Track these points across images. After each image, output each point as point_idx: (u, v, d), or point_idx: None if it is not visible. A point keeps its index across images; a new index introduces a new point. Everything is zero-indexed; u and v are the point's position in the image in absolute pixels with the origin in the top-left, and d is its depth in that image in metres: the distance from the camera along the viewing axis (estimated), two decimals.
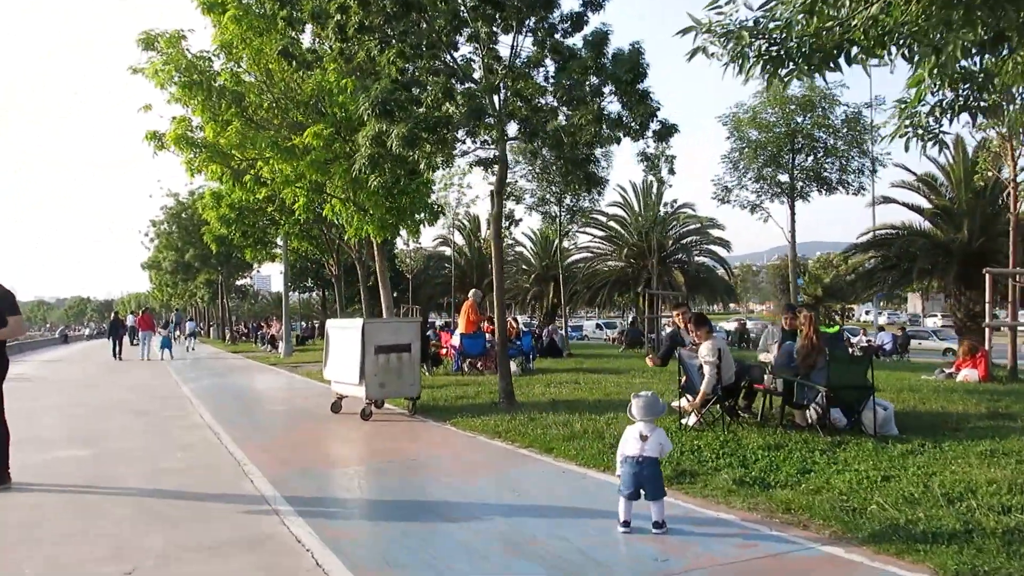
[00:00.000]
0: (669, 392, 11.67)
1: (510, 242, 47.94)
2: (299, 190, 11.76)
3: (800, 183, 19.22)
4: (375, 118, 8.49)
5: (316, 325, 45.91)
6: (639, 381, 13.65)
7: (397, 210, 12.34)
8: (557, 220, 30.40)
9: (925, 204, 25.53)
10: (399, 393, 10.78)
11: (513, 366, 15.97)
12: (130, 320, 35.11)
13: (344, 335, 11.06)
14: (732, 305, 73.33)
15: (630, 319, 61.90)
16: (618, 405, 10.22)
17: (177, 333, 34.33)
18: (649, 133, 9.07)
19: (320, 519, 5.50)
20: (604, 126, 8.78)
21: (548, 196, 31.14)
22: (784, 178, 19.28)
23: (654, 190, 45.20)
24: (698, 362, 8.16)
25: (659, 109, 8.90)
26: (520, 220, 36.06)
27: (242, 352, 33.47)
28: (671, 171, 25.06)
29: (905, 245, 23.98)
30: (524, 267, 59.09)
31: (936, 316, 72.76)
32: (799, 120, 18.94)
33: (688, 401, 8.33)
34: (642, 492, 4.91)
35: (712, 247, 45.60)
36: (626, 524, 4.93)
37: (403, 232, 13.81)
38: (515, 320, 18.46)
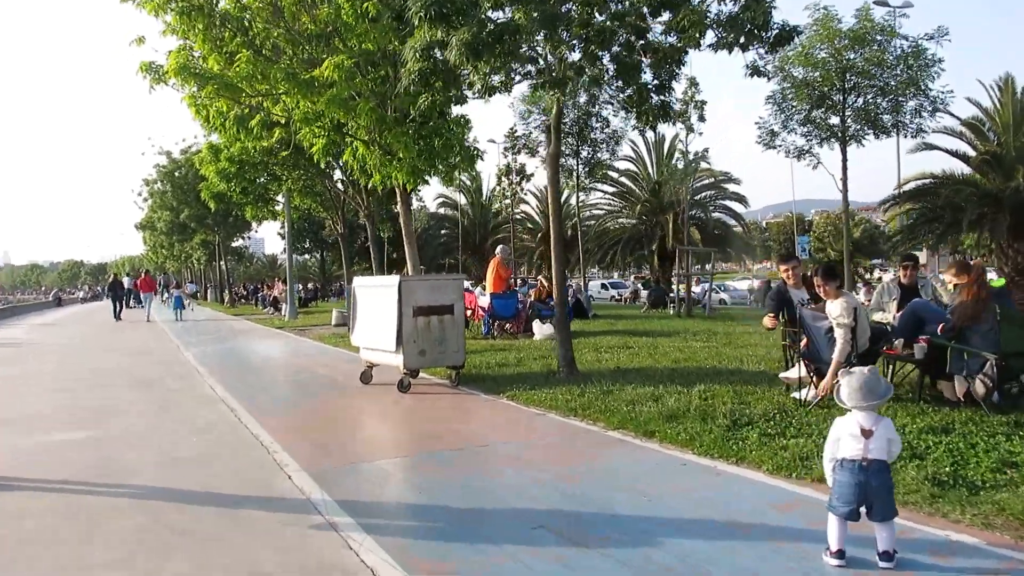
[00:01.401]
0: (749, 360, 10.29)
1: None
2: (317, 130, 10.16)
3: (853, 126, 17.57)
4: (428, 24, 6.90)
5: (317, 287, 44.41)
6: (701, 344, 12.25)
7: (429, 153, 10.78)
8: (574, 174, 28.80)
9: (970, 152, 23.96)
10: (441, 362, 9.37)
11: (548, 328, 14.59)
12: (127, 282, 33.59)
13: (375, 295, 9.60)
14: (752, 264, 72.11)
15: (633, 278, 60.56)
16: (699, 375, 8.84)
17: (166, 296, 32.73)
18: (766, 38, 7.41)
19: (397, 540, 4.09)
20: (715, 29, 7.20)
21: (564, 148, 29.55)
22: (835, 120, 17.65)
23: (666, 143, 43.51)
24: (825, 324, 6.72)
25: (774, 7, 7.23)
26: (532, 175, 34.30)
27: (243, 315, 32.04)
28: (701, 118, 23.60)
29: (951, 195, 22.47)
30: (529, 226, 57.49)
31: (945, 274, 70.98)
32: (851, 56, 17.21)
33: (808, 370, 6.92)
34: (863, 510, 3.50)
35: (727, 202, 44.08)
36: (840, 554, 3.53)
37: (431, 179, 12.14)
38: (546, 279, 16.98)
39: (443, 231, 63.60)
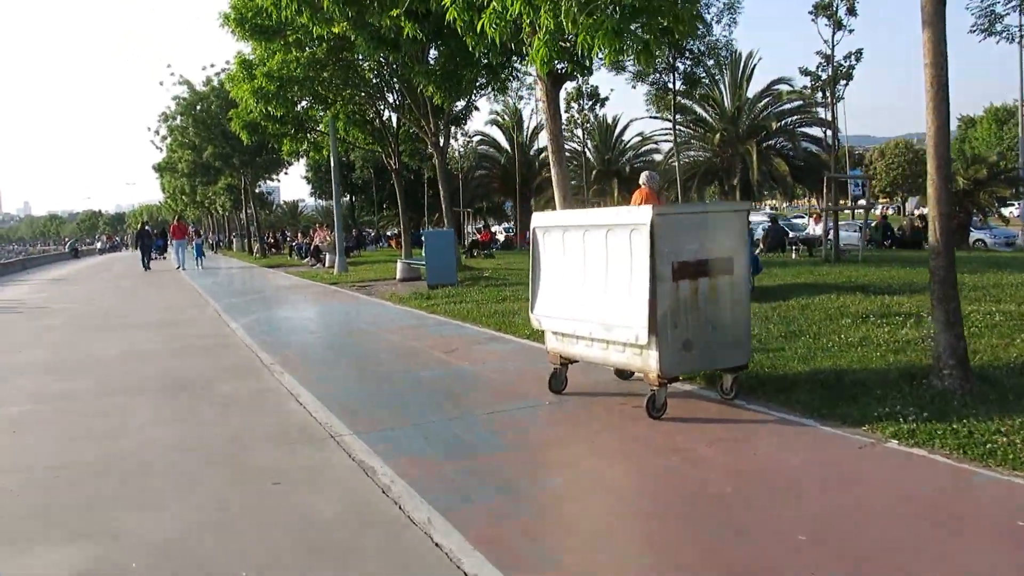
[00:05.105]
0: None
1: (572, 131, 40.49)
2: None
3: None
4: None
5: (359, 234, 40.16)
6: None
7: (635, 10, 6.43)
8: (672, 91, 24.27)
9: None
10: (716, 360, 5.28)
11: None
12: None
13: (589, 241, 5.40)
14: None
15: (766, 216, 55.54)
16: None
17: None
18: None
19: None
20: None
21: (657, 63, 24.93)
22: None
23: (742, 63, 38.32)
24: None
25: None
26: (607, 98, 29.78)
27: (279, 266, 28.02)
28: (851, 11, 18.80)
29: None
30: (576, 163, 52.59)
31: None
32: None
33: None
34: None
35: (808, 129, 39.00)
36: None
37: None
38: None
39: (479, 172, 58.79)
